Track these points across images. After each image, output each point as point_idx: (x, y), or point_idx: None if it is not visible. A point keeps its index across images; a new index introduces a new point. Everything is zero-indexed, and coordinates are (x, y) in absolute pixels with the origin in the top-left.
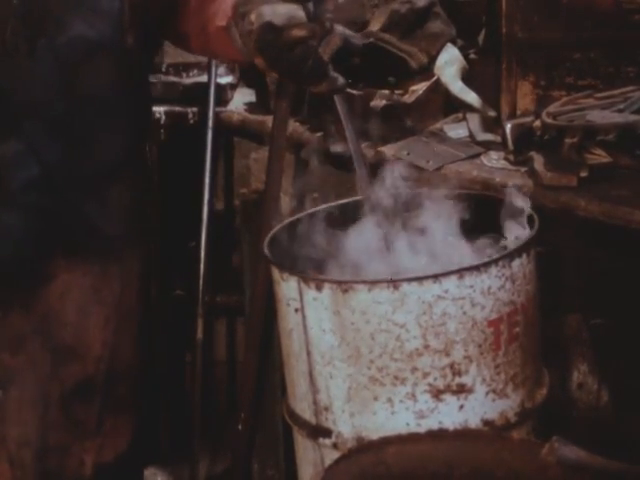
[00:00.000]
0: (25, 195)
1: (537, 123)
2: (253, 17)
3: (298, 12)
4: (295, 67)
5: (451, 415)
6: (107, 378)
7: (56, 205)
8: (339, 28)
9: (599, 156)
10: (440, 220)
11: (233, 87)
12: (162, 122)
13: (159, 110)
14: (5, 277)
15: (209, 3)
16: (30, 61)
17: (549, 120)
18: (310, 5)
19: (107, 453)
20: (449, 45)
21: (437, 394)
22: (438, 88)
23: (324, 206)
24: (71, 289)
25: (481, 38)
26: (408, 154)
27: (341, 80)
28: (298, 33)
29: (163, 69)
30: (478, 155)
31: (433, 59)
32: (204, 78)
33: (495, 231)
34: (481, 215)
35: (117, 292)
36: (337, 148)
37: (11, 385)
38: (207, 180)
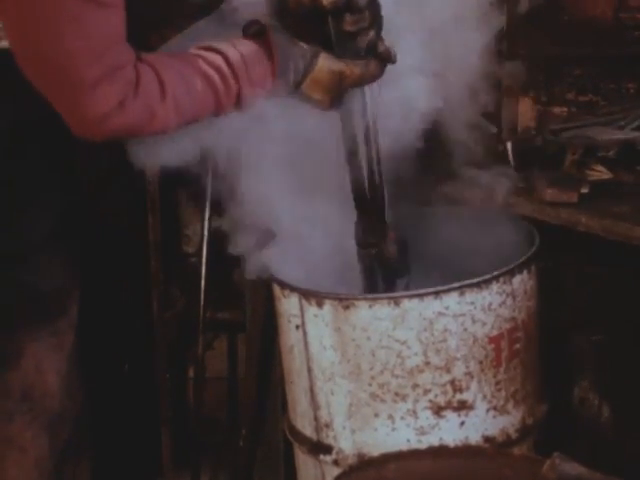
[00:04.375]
0: None
1: (538, 140)
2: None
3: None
4: None
5: (452, 431)
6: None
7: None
8: None
9: (600, 172)
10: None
11: None
12: None
13: None
14: None
15: None
16: None
17: (550, 137)
18: None
19: None
20: None
21: (438, 411)
22: None
23: None
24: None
25: None
26: None
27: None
28: None
29: None
30: None
31: None
32: None
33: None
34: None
35: (71, 341)
36: None
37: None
38: (208, 195)
